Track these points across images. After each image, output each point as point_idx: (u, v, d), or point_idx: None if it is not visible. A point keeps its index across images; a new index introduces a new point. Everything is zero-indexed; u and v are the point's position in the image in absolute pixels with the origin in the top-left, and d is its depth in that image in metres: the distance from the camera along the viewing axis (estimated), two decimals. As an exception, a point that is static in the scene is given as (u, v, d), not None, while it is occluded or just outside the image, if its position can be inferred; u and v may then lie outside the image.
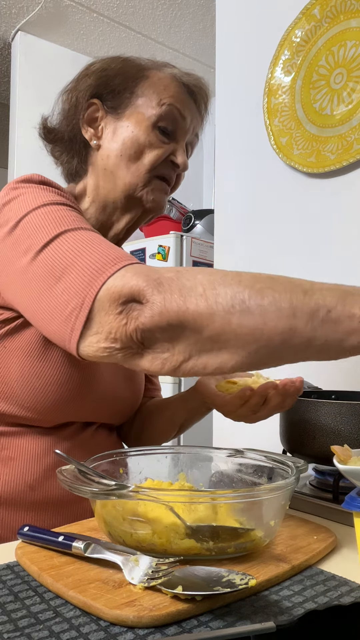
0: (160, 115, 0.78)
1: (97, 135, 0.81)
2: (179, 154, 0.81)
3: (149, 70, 0.81)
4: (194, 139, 0.87)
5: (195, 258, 2.50)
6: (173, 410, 0.90)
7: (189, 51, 2.97)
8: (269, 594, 0.48)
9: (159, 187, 0.81)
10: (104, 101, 0.81)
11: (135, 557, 0.51)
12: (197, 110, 0.85)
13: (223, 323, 0.49)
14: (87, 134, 0.82)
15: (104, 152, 0.80)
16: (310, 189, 1.25)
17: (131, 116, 0.79)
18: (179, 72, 0.83)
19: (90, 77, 0.82)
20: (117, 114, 0.80)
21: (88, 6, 2.62)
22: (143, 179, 0.79)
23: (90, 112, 0.81)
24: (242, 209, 1.43)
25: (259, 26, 1.38)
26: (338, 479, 0.74)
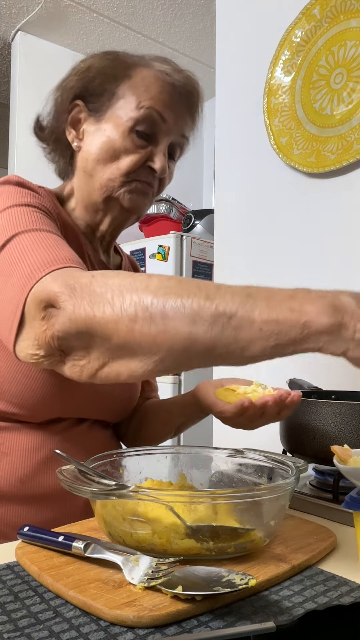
0: (137, 119, 0.76)
1: (78, 137, 0.81)
2: (157, 159, 0.78)
3: (135, 68, 0.78)
4: (182, 141, 0.83)
5: (195, 258, 2.50)
6: (170, 413, 0.90)
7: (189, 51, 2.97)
8: (269, 594, 0.48)
9: (136, 188, 0.79)
10: (86, 102, 0.79)
11: (135, 557, 0.51)
12: (186, 109, 0.81)
13: (127, 331, 0.48)
14: (70, 135, 0.81)
15: (84, 154, 0.80)
16: (310, 189, 1.25)
17: (110, 119, 0.77)
18: (168, 69, 0.79)
19: (74, 77, 0.80)
20: (98, 116, 0.78)
21: (88, 6, 2.62)
22: (119, 182, 0.77)
23: (74, 113, 0.80)
24: (242, 209, 1.43)
25: (259, 26, 1.38)
26: (338, 479, 0.74)
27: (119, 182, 0.77)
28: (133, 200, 0.79)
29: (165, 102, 0.77)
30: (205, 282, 0.49)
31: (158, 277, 0.50)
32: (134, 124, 0.76)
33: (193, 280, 0.50)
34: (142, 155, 0.77)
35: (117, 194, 0.78)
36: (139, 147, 0.77)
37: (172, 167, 0.84)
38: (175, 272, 2.42)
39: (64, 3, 2.60)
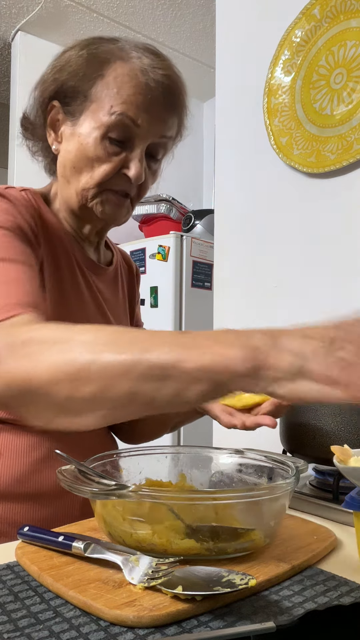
0: (109, 125, 0.72)
1: (57, 140, 0.78)
2: (132, 165, 0.74)
3: (109, 65, 0.72)
4: (164, 141, 0.78)
5: (195, 258, 2.50)
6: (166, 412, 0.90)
7: (189, 51, 2.97)
8: (269, 594, 0.48)
9: (110, 200, 0.76)
10: (62, 104, 0.76)
11: (135, 557, 0.51)
12: (166, 108, 0.75)
13: (68, 391, 0.47)
14: (50, 137, 0.79)
15: (61, 159, 0.78)
16: (310, 189, 1.25)
17: (84, 124, 0.74)
18: (146, 64, 0.73)
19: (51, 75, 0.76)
20: (73, 119, 0.75)
21: (88, 6, 2.62)
22: (92, 193, 0.75)
23: (52, 114, 0.77)
24: (242, 209, 1.43)
25: (259, 26, 1.38)
26: (338, 479, 0.74)
27: (92, 192, 0.75)
28: (106, 213, 0.77)
29: (138, 104, 0.72)
30: (139, 334, 0.49)
31: (94, 331, 0.50)
32: (105, 131, 0.72)
33: (128, 331, 0.51)
34: (115, 164, 0.74)
35: (90, 205, 0.76)
36: (112, 155, 0.73)
37: (155, 166, 0.80)
38: (175, 272, 2.43)
39: (64, 3, 2.60)
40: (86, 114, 0.74)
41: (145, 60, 0.73)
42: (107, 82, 0.72)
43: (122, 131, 0.72)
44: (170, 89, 0.74)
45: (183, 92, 0.78)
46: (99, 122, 0.72)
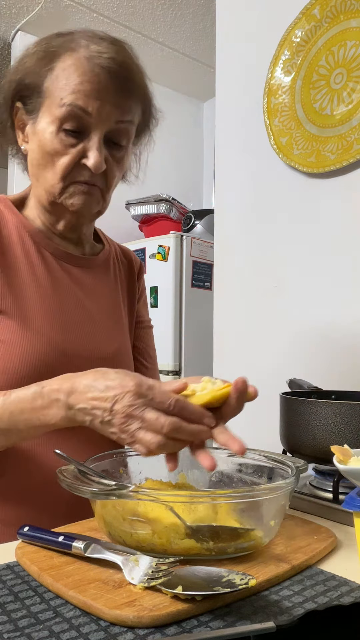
0: (61, 118, 0.72)
1: (25, 141, 0.79)
2: (91, 154, 0.73)
3: (58, 57, 0.73)
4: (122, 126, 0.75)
5: (195, 258, 2.50)
6: None
7: (189, 51, 2.97)
8: (269, 594, 0.48)
9: (77, 191, 0.76)
10: (23, 104, 0.77)
11: (135, 557, 0.51)
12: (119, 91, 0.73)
13: None
14: (19, 139, 0.80)
15: (29, 158, 0.79)
16: (310, 189, 1.25)
17: (41, 120, 0.74)
18: (94, 50, 0.72)
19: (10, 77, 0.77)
20: (34, 117, 0.76)
21: (88, 6, 2.62)
22: (58, 188, 0.76)
23: (18, 116, 0.78)
24: (242, 209, 1.43)
25: (259, 26, 1.38)
26: (338, 479, 0.74)
27: (59, 188, 0.76)
28: (77, 204, 0.77)
29: (87, 93, 0.71)
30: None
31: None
32: (59, 124, 0.72)
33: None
34: (73, 155, 0.73)
35: (60, 200, 0.77)
36: (69, 147, 0.73)
37: (120, 154, 0.78)
38: (175, 272, 2.43)
39: (64, 3, 2.60)
40: (42, 110, 0.74)
41: (92, 47, 0.72)
42: (57, 74, 0.72)
43: (75, 121, 0.72)
44: (119, 72, 0.73)
45: (137, 74, 0.77)
46: (53, 116, 0.72)
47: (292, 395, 0.90)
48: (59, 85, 0.72)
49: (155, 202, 2.75)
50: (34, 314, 0.76)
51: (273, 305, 1.33)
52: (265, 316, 1.35)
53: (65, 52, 0.73)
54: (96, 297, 0.86)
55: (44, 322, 0.76)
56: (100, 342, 0.83)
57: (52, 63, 0.73)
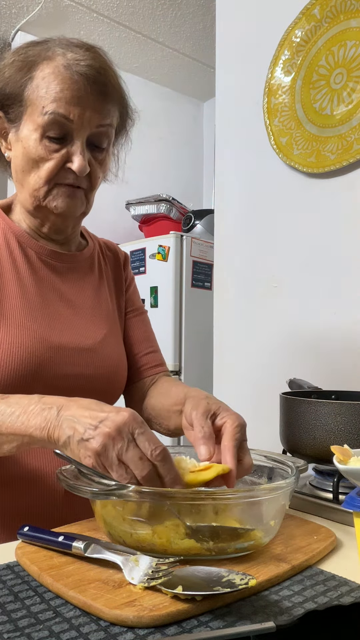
0: (44, 125, 0.74)
1: (8, 148, 0.81)
2: (75, 159, 0.76)
3: (37, 66, 0.75)
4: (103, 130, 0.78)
5: (195, 258, 2.50)
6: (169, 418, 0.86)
7: (189, 51, 2.97)
8: (269, 594, 0.48)
9: (61, 193, 0.78)
10: (4, 113, 0.79)
11: (135, 557, 0.51)
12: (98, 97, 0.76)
13: None
14: (2, 147, 0.82)
15: (13, 165, 0.81)
16: (310, 189, 1.25)
17: (24, 128, 0.77)
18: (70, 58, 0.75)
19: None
20: (16, 125, 0.78)
21: (88, 6, 2.62)
22: (43, 192, 0.78)
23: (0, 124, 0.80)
24: (242, 209, 1.43)
25: (259, 26, 1.38)
26: (338, 479, 0.74)
27: (43, 191, 0.78)
28: (59, 207, 0.79)
29: (67, 100, 0.74)
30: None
31: None
32: (42, 132, 0.75)
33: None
34: (58, 160, 0.76)
35: (44, 203, 0.79)
36: (53, 152, 0.76)
37: (102, 156, 0.81)
38: (175, 272, 2.43)
39: (64, 3, 2.60)
40: (24, 118, 0.77)
41: (69, 55, 0.75)
42: (37, 83, 0.75)
43: (58, 128, 0.75)
44: (96, 78, 0.75)
45: (113, 78, 0.79)
46: (35, 124, 0.75)
47: (292, 395, 0.90)
48: (39, 94, 0.74)
49: (155, 202, 2.75)
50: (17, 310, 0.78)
51: (273, 305, 1.33)
52: (265, 316, 1.35)
53: (43, 60, 0.75)
54: (81, 291, 0.88)
55: (27, 317, 0.78)
56: (86, 333, 0.84)
57: (31, 72, 0.75)
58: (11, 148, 0.81)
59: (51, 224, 0.83)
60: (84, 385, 0.82)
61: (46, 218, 0.82)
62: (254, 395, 1.35)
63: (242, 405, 1.36)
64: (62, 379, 0.79)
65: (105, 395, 0.88)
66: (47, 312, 0.80)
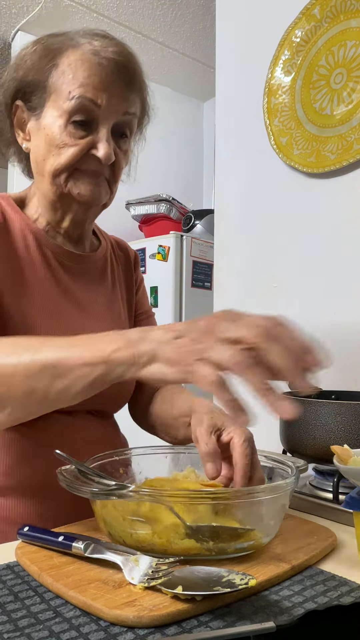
0: (70, 111, 0.73)
1: (26, 139, 0.80)
2: (101, 146, 0.74)
3: (61, 54, 0.74)
4: (129, 118, 0.78)
5: (195, 258, 2.50)
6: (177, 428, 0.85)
7: (189, 51, 2.97)
8: (269, 594, 0.48)
9: (82, 178, 0.76)
10: (25, 102, 0.78)
11: (135, 557, 0.51)
12: (124, 84, 0.75)
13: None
14: (19, 138, 0.80)
15: (33, 155, 0.79)
16: (310, 189, 1.25)
17: (47, 115, 0.75)
18: (97, 46, 0.74)
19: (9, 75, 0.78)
20: (37, 114, 0.77)
21: (88, 6, 2.62)
22: (64, 175, 0.76)
23: (17, 115, 0.79)
24: (242, 209, 1.43)
25: (259, 26, 1.38)
26: (338, 479, 0.74)
27: (64, 176, 0.76)
28: (84, 193, 0.77)
29: (95, 85, 0.73)
30: (34, 340, 0.58)
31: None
32: (68, 117, 0.73)
33: (23, 339, 0.59)
34: (82, 146, 0.74)
35: (67, 189, 0.77)
36: (77, 139, 0.74)
37: (125, 145, 0.80)
38: (175, 272, 2.43)
39: (64, 3, 2.60)
40: (47, 105, 0.75)
41: (95, 42, 0.75)
42: (62, 70, 0.73)
43: (84, 113, 0.73)
44: (124, 64, 0.75)
45: (138, 68, 0.79)
46: (61, 110, 0.73)
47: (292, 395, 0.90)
48: (65, 80, 0.73)
49: (155, 202, 2.75)
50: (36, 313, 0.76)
51: (273, 305, 1.33)
52: (265, 316, 1.34)
53: (68, 48, 0.74)
54: (95, 294, 0.87)
55: (45, 322, 0.76)
56: None
57: (56, 59, 0.74)
58: (30, 138, 0.79)
59: (73, 214, 0.81)
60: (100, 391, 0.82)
61: (69, 207, 0.80)
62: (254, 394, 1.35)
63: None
64: None
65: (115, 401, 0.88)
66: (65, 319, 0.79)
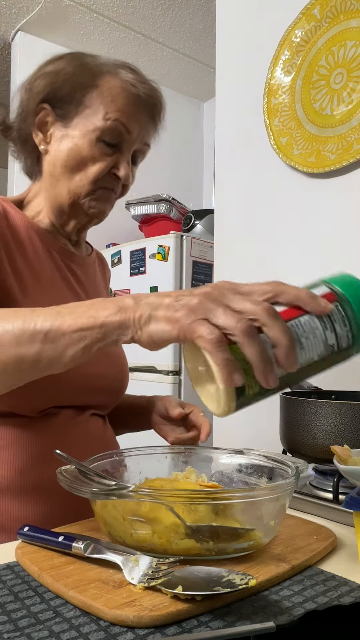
0: (104, 129, 0.79)
1: (45, 141, 0.83)
2: (122, 167, 0.81)
3: (102, 76, 0.81)
4: (144, 148, 0.87)
5: (195, 258, 2.50)
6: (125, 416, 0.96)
7: (189, 51, 2.97)
8: (269, 594, 0.48)
9: (102, 196, 0.83)
10: (53, 107, 0.82)
11: (135, 557, 0.51)
12: (150, 119, 0.84)
13: None
14: (36, 138, 0.83)
15: (51, 158, 0.82)
16: (310, 189, 1.25)
17: (77, 127, 0.80)
18: (134, 79, 0.82)
19: (42, 80, 0.82)
20: (65, 122, 0.81)
21: (88, 6, 2.62)
22: (86, 190, 0.81)
23: (40, 116, 0.82)
24: (242, 209, 1.43)
25: (259, 26, 1.38)
26: (338, 479, 0.74)
27: (86, 190, 0.81)
28: (97, 208, 0.83)
29: (130, 113, 0.80)
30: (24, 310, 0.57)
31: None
32: (100, 134, 0.79)
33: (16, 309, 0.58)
34: (107, 164, 0.80)
35: (82, 201, 0.82)
36: (105, 155, 0.80)
37: (134, 171, 0.87)
38: (175, 272, 2.42)
39: (64, 3, 2.60)
40: (80, 117, 0.80)
41: (130, 75, 0.82)
42: (101, 91, 0.80)
43: (115, 136, 0.80)
44: (154, 103, 0.84)
45: (164, 106, 0.88)
46: (94, 126, 0.79)
47: (292, 395, 0.90)
48: (104, 101, 0.79)
49: (155, 202, 2.75)
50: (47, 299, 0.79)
51: (273, 305, 1.33)
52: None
53: (107, 73, 0.81)
54: (92, 294, 0.91)
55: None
56: None
57: (96, 80, 0.80)
58: (50, 142, 0.82)
59: (77, 222, 0.86)
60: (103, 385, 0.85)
61: (75, 215, 0.85)
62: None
63: (242, 405, 1.36)
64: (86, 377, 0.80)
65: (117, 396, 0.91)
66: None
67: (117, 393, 0.90)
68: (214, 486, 0.65)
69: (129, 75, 0.82)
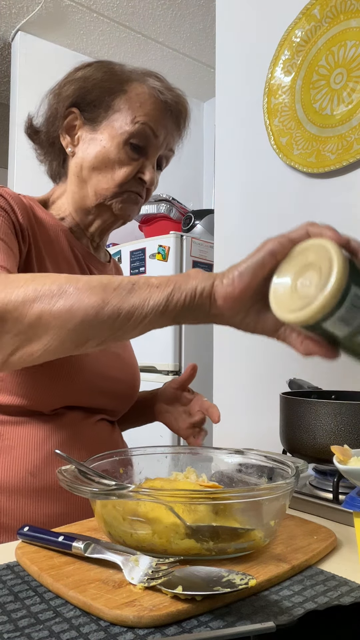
0: (132, 133, 0.81)
1: (73, 144, 0.85)
2: (148, 171, 0.83)
3: (130, 82, 0.83)
4: (169, 154, 0.89)
5: (195, 258, 2.50)
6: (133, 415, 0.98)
7: (189, 51, 2.97)
8: (269, 594, 0.48)
9: (128, 199, 0.84)
10: (82, 111, 0.84)
11: (135, 557, 0.51)
12: (175, 126, 0.87)
13: (43, 307, 0.53)
14: (64, 141, 0.85)
15: (78, 160, 0.84)
16: (310, 189, 1.25)
17: (105, 130, 0.82)
18: (161, 86, 0.84)
19: (71, 85, 0.84)
20: (93, 126, 0.83)
21: (88, 6, 2.62)
22: (112, 192, 0.83)
23: (69, 120, 0.84)
24: (242, 209, 1.43)
25: (259, 26, 1.38)
26: (338, 479, 0.74)
27: (112, 192, 0.83)
28: (124, 209, 0.85)
29: (157, 118, 0.83)
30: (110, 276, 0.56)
31: (67, 274, 0.57)
32: (128, 137, 0.81)
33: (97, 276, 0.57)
34: (134, 167, 0.82)
35: (109, 203, 0.84)
36: (132, 159, 0.82)
37: (158, 176, 0.89)
38: (175, 272, 2.42)
39: (64, 3, 2.60)
40: (107, 121, 0.83)
41: (157, 82, 0.85)
42: (130, 96, 0.82)
43: (142, 139, 0.82)
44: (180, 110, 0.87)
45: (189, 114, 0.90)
46: (122, 130, 0.81)
47: (292, 395, 0.90)
48: (132, 106, 0.82)
49: (155, 202, 2.75)
50: None
51: (273, 305, 1.33)
52: (265, 316, 1.34)
53: (135, 80, 0.84)
54: None
55: None
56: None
57: (124, 86, 0.83)
58: (77, 144, 0.84)
59: (102, 221, 0.87)
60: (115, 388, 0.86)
61: (101, 215, 0.86)
62: (254, 395, 1.35)
63: (243, 405, 1.36)
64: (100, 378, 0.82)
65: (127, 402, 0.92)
66: None
67: (127, 399, 0.90)
68: (214, 486, 0.65)
69: (156, 82, 0.84)
